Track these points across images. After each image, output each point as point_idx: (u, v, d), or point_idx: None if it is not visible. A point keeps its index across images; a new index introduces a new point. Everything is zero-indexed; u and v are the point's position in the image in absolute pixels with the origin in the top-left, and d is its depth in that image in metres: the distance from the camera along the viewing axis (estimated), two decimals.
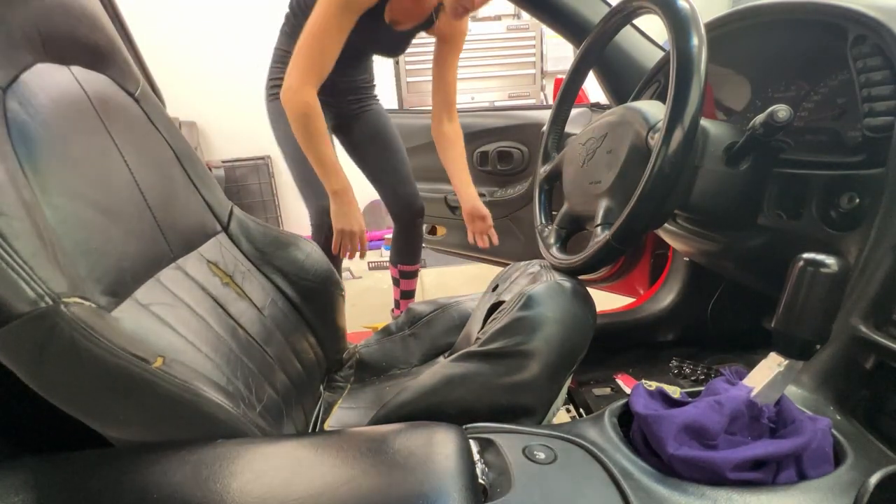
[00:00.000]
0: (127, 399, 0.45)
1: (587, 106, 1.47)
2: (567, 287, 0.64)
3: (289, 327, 0.83)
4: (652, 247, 1.32)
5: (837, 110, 0.67)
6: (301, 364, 0.82)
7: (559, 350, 0.59)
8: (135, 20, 0.98)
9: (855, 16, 0.59)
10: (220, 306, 0.70)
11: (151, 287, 0.60)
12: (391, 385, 0.91)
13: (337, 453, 0.44)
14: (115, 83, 0.70)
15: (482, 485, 0.42)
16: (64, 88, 0.59)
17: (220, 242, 0.81)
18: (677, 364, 1.06)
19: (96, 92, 0.64)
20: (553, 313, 0.60)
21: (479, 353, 0.59)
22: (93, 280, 0.50)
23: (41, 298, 0.41)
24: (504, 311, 0.62)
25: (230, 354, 0.64)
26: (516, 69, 3.56)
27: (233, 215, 0.86)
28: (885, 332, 0.50)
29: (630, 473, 0.45)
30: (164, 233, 0.67)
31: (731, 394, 0.48)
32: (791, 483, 0.44)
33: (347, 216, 1.24)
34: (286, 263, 0.88)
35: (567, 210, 0.82)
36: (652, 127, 0.65)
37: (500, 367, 0.58)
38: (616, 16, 0.78)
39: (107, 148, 0.62)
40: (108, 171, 0.61)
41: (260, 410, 0.62)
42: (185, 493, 0.39)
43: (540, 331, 0.58)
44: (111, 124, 0.64)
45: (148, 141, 0.73)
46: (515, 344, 0.58)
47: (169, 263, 0.66)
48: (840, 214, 0.59)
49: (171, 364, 0.47)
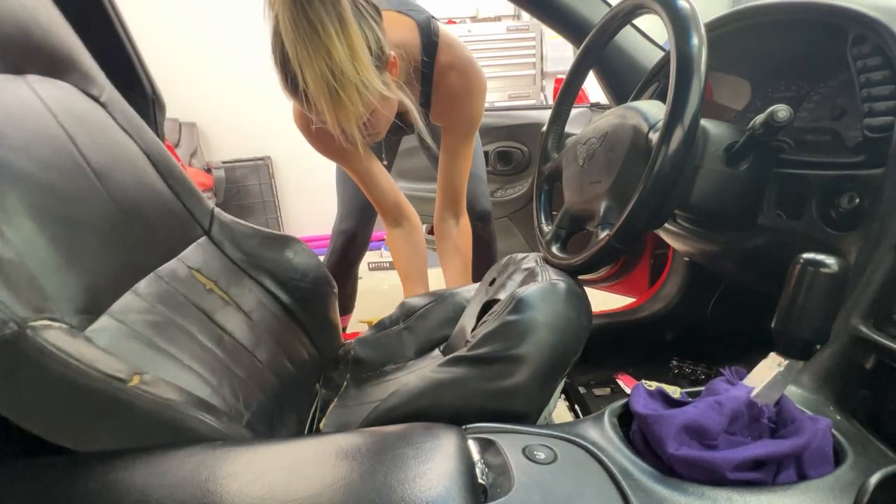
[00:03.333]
0: (104, 421, 0.44)
1: (587, 106, 1.47)
2: (561, 288, 0.63)
3: (279, 329, 0.81)
4: (652, 247, 1.32)
5: (837, 110, 0.67)
6: (293, 366, 0.81)
7: (550, 355, 0.57)
8: (135, 20, 0.98)
9: (855, 16, 0.59)
10: (205, 314, 0.68)
11: (129, 300, 0.58)
12: (385, 382, 0.90)
13: (336, 454, 0.44)
14: (78, 89, 0.66)
15: (482, 485, 0.42)
16: (21, 101, 0.56)
17: (202, 247, 0.78)
18: (677, 364, 1.06)
19: (56, 101, 0.61)
20: (544, 317, 0.58)
21: (467, 357, 0.58)
22: (63, 299, 0.48)
23: (4, 325, 0.39)
24: (495, 313, 0.61)
25: (215, 364, 0.62)
26: (516, 70, 3.56)
27: (215, 218, 0.83)
28: (885, 332, 0.50)
29: (630, 473, 0.45)
30: (139, 242, 0.64)
31: (731, 394, 0.48)
32: (791, 483, 0.44)
33: None
34: (274, 265, 0.85)
35: (567, 210, 0.82)
36: (652, 126, 0.65)
37: (489, 372, 0.56)
38: (616, 16, 0.77)
39: (71, 159, 0.59)
40: (74, 183, 0.57)
41: (248, 419, 0.61)
42: (185, 494, 0.39)
43: (530, 335, 0.57)
44: (75, 133, 0.61)
45: (118, 147, 0.69)
46: (505, 349, 0.56)
47: (147, 273, 0.64)
48: (840, 214, 0.59)
49: (148, 381, 0.46)
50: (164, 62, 2.72)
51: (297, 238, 0.92)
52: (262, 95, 3.37)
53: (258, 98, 3.33)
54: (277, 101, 1.03)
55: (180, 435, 0.46)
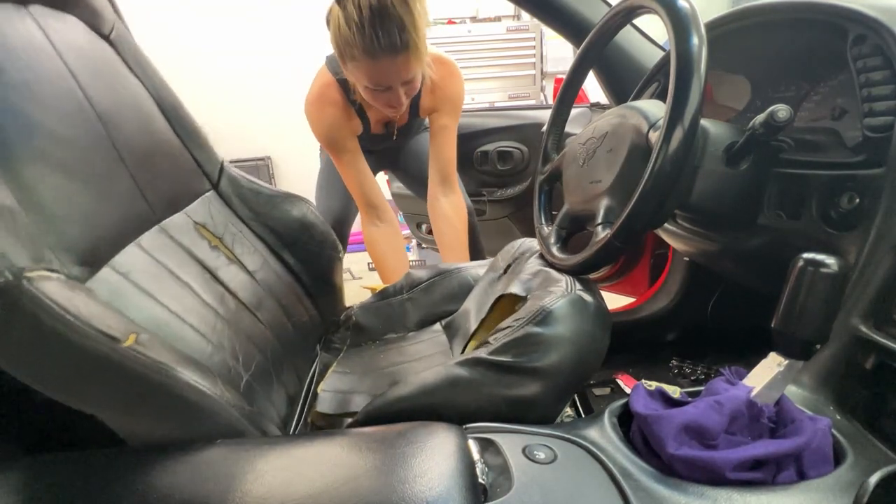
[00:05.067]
0: (95, 380, 0.43)
1: (587, 106, 1.47)
2: (589, 303, 0.62)
3: (283, 290, 0.79)
4: (652, 247, 1.32)
5: (837, 110, 0.67)
6: (295, 327, 0.79)
7: (571, 371, 0.57)
8: (135, 20, 0.98)
9: (855, 16, 0.59)
10: (208, 271, 0.65)
11: (131, 253, 0.55)
12: (386, 351, 0.90)
13: (337, 453, 0.44)
14: (84, 23, 0.62)
15: (482, 485, 0.42)
16: (21, 34, 0.51)
17: (209, 202, 0.75)
18: (677, 364, 1.06)
19: (61, 36, 0.56)
20: (570, 333, 0.58)
21: (487, 361, 0.58)
22: (63, 249, 0.46)
23: (0, 273, 0.38)
24: (520, 320, 0.60)
25: (217, 322, 0.60)
26: (516, 70, 3.56)
27: (223, 172, 0.80)
28: (885, 332, 0.50)
29: (630, 473, 0.45)
30: (144, 193, 0.61)
31: (731, 394, 0.48)
32: (791, 483, 0.44)
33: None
34: (281, 224, 0.83)
35: (567, 210, 0.82)
36: (652, 126, 0.65)
37: (508, 379, 0.56)
38: (616, 16, 0.77)
39: (75, 101, 0.55)
40: (76, 127, 0.54)
41: (247, 380, 0.59)
42: (185, 494, 0.39)
43: (554, 350, 0.57)
44: (79, 73, 0.57)
45: (125, 90, 0.65)
46: (528, 360, 0.56)
47: (151, 226, 0.61)
48: (840, 214, 0.59)
49: (144, 342, 0.44)
50: (163, 62, 2.72)
51: (306, 199, 0.90)
52: (262, 95, 3.38)
53: (258, 98, 3.34)
54: (277, 102, 1.04)
55: (169, 400, 0.45)
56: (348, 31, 0.91)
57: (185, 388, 0.45)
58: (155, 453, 0.45)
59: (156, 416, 0.46)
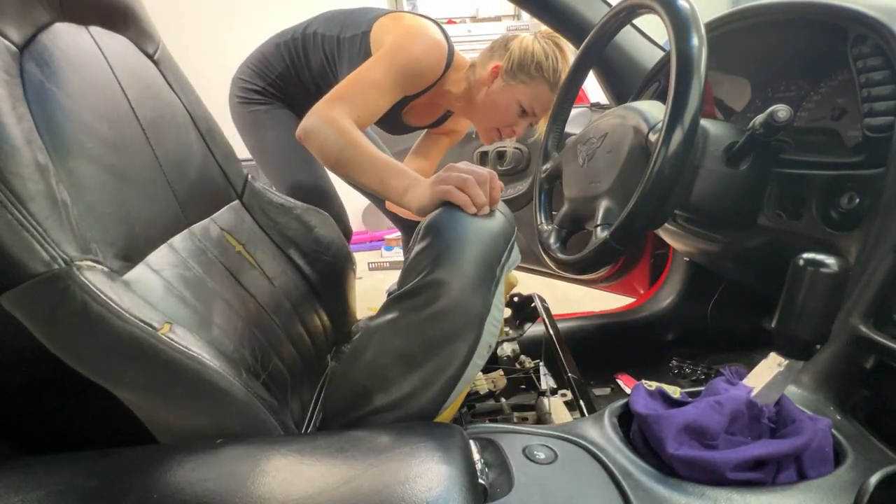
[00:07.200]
0: (132, 363, 0.46)
1: (587, 106, 1.47)
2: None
3: (299, 299, 0.83)
4: (652, 247, 1.32)
5: (837, 110, 0.67)
6: (309, 335, 0.83)
7: (472, 264, 0.57)
8: None
9: (855, 16, 0.59)
10: (232, 274, 0.70)
11: (164, 252, 0.60)
12: None
13: (337, 453, 0.44)
14: (134, 45, 0.69)
15: (482, 485, 0.42)
16: (82, 49, 0.58)
17: (234, 211, 0.81)
18: (677, 364, 1.07)
19: (114, 53, 0.62)
20: (453, 231, 0.59)
21: (395, 296, 0.58)
22: (105, 243, 0.50)
23: (54, 260, 0.42)
24: (409, 250, 0.61)
25: (238, 323, 0.64)
26: None
27: (248, 184, 0.86)
28: (885, 332, 0.50)
29: (630, 473, 0.45)
30: (177, 198, 0.67)
31: (731, 394, 0.48)
32: (791, 483, 0.44)
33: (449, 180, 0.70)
34: (299, 235, 0.88)
35: (567, 210, 0.82)
36: (652, 127, 0.65)
37: (418, 301, 0.56)
38: (616, 16, 0.78)
39: (123, 111, 0.61)
40: (123, 134, 0.60)
41: (264, 379, 0.62)
42: (185, 493, 0.39)
43: (444, 256, 0.56)
44: (128, 87, 0.63)
45: (165, 105, 0.72)
46: (425, 275, 0.56)
47: (182, 229, 0.66)
48: (840, 214, 0.59)
49: (176, 331, 0.48)
50: None
51: (323, 212, 0.93)
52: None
53: None
54: None
55: (200, 386, 0.48)
56: (544, 58, 1.04)
57: (214, 374, 0.48)
58: (154, 453, 0.45)
59: (189, 402, 0.49)
